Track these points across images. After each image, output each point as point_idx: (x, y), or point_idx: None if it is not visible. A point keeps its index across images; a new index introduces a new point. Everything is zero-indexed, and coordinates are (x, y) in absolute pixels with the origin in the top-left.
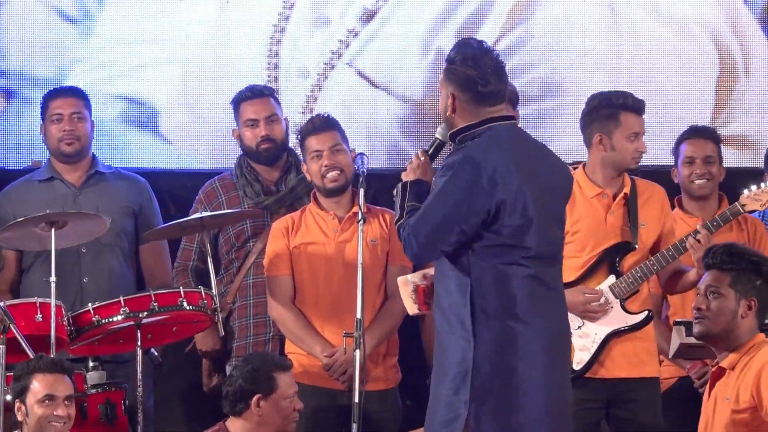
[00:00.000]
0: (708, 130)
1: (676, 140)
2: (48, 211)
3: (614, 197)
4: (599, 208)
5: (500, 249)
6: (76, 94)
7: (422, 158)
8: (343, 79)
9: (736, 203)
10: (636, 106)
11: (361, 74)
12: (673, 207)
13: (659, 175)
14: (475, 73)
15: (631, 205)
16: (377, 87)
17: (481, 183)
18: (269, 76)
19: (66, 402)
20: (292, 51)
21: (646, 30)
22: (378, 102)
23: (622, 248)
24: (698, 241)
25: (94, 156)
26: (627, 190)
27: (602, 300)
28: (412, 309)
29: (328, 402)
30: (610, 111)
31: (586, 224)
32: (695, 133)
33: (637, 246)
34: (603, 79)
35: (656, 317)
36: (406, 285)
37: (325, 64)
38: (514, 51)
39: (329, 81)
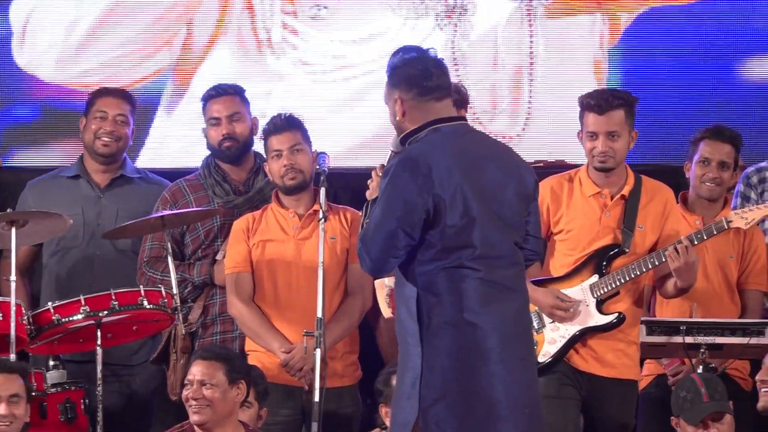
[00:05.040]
0: (729, 134)
1: (696, 135)
2: (9, 210)
3: (612, 197)
4: (595, 207)
5: (445, 251)
6: (125, 96)
7: (381, 174)
8: None
9: (723, 218)
10: (598, 105)
11: None
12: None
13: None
14: (418, 69)
15: (630, 205)
16: None
17: (417, 182)
18: None
19: (12, 400)
20: None
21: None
22: None
23: (612, 250)
24: (677, 251)
25: (125, 159)
26: (627, 190)
27: (572, 305)
28: (386, 312)
29: (287, 399)
30: (580, 111)
31: (580, 223)
32: (716, 134)
33: (627, 250)
34: None
35: (644, 310)
36: (382, 288)
37: None
38: None
39: None
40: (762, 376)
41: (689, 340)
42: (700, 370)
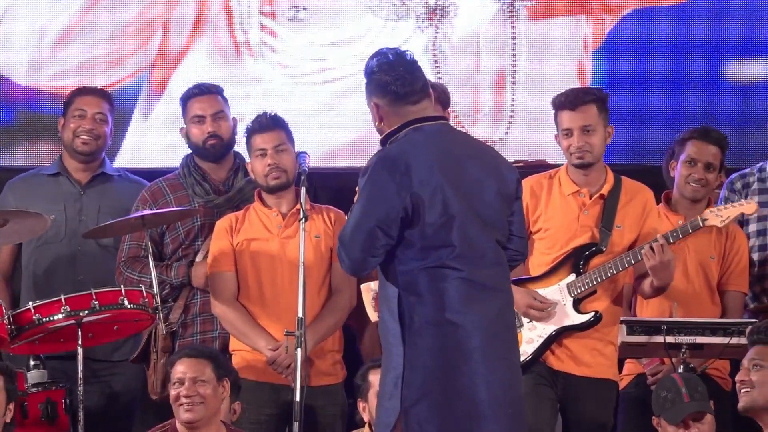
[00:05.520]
0: (716, 135)
1: (683, 135)
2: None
3: (591, 196)
4: (573, 206)
5: (425, 250)
6: (104, 95)
7: None
8: None
9: (698, 217)
10: (570, 102)
11: None
12: (659, 201)
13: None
14: (390, 76)
15: (609, 205)
16: None
17: (395, 180)
18: None
19: None
20: None
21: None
22: None
23: (590, 249)
24: (652, 250)
25: (104, 158)
26: (606, 190)
27: (548, 306)
28: (372, 316)
29: (273, 397)
30: (554, 112)
31: (558, 222)
32: (704, 135)
33: (604, 249)
34: None
35: (626, 309)
36: (368, 292)
37: None
38: None
39: None
40: (741, 376)
41: (670, 339)
42: (680, 369)
